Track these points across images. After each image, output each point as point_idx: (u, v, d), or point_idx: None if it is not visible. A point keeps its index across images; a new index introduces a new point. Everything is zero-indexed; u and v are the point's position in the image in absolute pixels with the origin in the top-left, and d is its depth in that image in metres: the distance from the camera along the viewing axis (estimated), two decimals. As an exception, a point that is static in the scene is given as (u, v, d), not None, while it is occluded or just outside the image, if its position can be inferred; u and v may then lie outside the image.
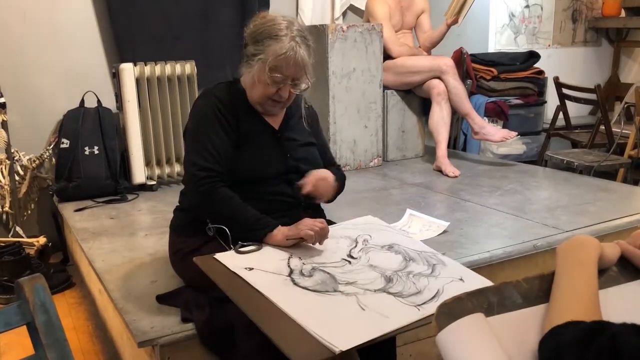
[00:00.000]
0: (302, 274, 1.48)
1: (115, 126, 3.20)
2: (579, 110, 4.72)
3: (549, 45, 4.80)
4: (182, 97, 3.23)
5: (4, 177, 2.96)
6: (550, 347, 0.71)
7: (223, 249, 1.60)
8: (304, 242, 1.59)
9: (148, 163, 3.21)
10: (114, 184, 3.08)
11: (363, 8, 3.85)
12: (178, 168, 3.26)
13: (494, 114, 3.99)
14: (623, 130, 3.61)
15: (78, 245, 2.49)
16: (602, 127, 3.85)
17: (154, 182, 3.22)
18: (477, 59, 4.17)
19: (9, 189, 2.97)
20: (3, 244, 2.74)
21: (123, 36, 3.35)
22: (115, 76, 3.09)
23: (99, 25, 3.35)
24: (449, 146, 3.56)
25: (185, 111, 3.19)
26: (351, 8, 4.24)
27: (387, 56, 3.54)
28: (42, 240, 2.85)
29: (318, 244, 1.60)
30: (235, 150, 1.67)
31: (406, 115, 3.71)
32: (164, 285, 1.84)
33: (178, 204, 1.83)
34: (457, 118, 3.88)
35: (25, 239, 2.87)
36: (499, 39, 4.57)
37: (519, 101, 4.17)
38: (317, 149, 1.84)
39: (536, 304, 0.82)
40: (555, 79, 4.18)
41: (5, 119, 2.91)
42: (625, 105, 3.79)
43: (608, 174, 3.49)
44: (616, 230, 2.35)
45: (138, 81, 3.08)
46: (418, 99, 3.69)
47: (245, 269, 1.48)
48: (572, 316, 0.73)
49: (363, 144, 3.50)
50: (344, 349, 1.18)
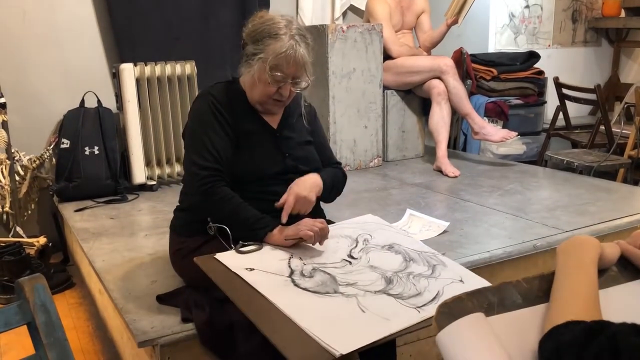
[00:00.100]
0: (303, 274, 1.48)
1: (115, 126, 3.20)
2: (579, 110, 4.72)
3: (549, 45, 4.80)
4: (182, 97, 3.23)
5: (4, 177, 2.96)
6: (550, 347, 0.71)
7: (223, 249, 1.60)
8: (304, 242, 1.59)
9: (148, 163, 3.21)
10: (114, 184, 3.08)
11: (363, 8, 3.84)
12: (178, 168, 3.26)
13: (494, 114, 3.99)
14: (623, 131, 3.61)
15: (78, 245, 2.49)
16: (602, 127, 3.85)
17: (154, 182, 3.22)
18: (477, 59, 4.17)
19: (9, 189, 2.97)
20: (3, 244, 2.74)
21: (123, 36, 3.35)
22: (116, 76, 3.09)
23: (99, 25, 3.35)
24: (449, 146, 3.56)
25: (186, 111, 3.19)
26: (351, 8, 4.24)
27: (387, 56, 3.54)
28: (43, 240, 2.85)
29: (318, 244, 1.60)
30: (234, 149, 1.67)
31: (406, 115, 3.71)
32: (164, 285, 1.84)
33: (178, 204, 1.83)
34: (457, 118, 3.88)
35: (25, 239, 2.87)
36: (499, 39, 4.57)
37: (519, 101, 4.17)
38: (316, 146, 1.83)
39: (536, 304, 0.82)
40: (555, 79, 4.18)
41: (5, 119, 2.91)
42: (625, 106, 3.79)
43: (608, 174, 3.49)
44: (616, 231, 2.35)
45: (138, 81, 3.09)
46: (418, 99, 3.70)
47: (246, 269, 1.48)
48: (572, 316, 0.73)
49: (363, 144, 3.50)
50: (344, 353, 1.17)
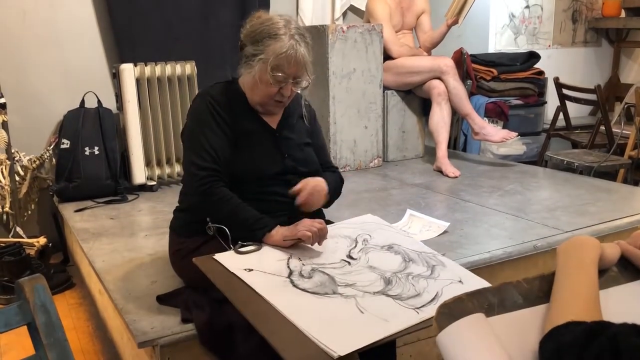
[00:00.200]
0: (302, 275, 1.48)
1: (115, 126, 3.20)
2: (579, 110, 4.72)
3: (549, 45, 4.80)
4: (182, 98, 3.23)
5: (4, 178, 2.96)
6: (551, 348, 0.71)
7: (222, 249, 1.59)
8: (303, 243, 1.59)
9: (148, 163, 3.21)
10: (114, 185, 3.08)
11: (363, 8, 3.85)
12: (178, 168, 3.26)
13: (494, 114, 3.99)
14: (623, 131, 3.61)
15: (78, 245, 2.49)
16: (602, 128, 3.85)
17: (154, 183, 3.22)
18: (477, 59, 4.17)
19: (9, 189, 2.97)
20: (3, 245, 2.74)
21: (123, 36, 3.35)
22: (116, 76, 3.09)
23: (99, 25, 3.35)
24: (449, 146, 3.56)
25: (186, 111, 3.15)
26: (351, 8, 4.24)
27: (388, 56, 3.54)
28: (43, 240, 2.85)
29: (317, 244, 1.60)
30: (232, 149, 1.67)
31: (406, 115, 3.71)
32: (164, 286, 1.84)
33: (178, 204, 1.83)
34: (457, 118, 3.88)
35: (25, 240, 2.87)
36: (499, 40, 4.57)
37: (519, 102, 4.18)
38: (314, 148, 1.83)
39: (536, 305, 0.82)
40: (556, 80, 4.18)
41: (5, 120, 2.91)
42: (625, 106, 3.79)
43: (608, 175, 3.49)
44: (616, 231, 2.35)
45: (138, 81, 3.09)
46: (418, 100, 3.69)
47: (245, 270, 1.48)
48: (573, 316, 0.73)
49: (363, 144, 3.50)
50: (342, 354, 1.17)
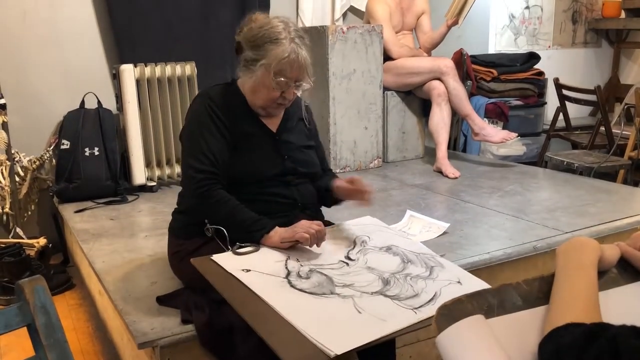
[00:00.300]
0: (300, 275, 1.48)
1: (115, 127, 3.20)
2: (579, 111, 4.72)
3: (549, 46, 4.80)
4: (183, 98, 3.23)
5: (4, 178, 2.96)
6: (550, 349, 0.71)
7: (221, 251, 1.59)
8: (301, 245, 1.59)
9: (148, 164, 3.21)
10: (114, 185, 3.08)
11: (363, 9, 3.85)
12: (178, 169, 3.26)
13: (494, 115, 4.00)
14: (623, 132, 3.61)
15: (78, 246, 2.49)
16: (602, 128, 3.85)
17: (154, 183, 3.22)
18: (477, 60, 4.18)
19: (9, 190, 2.97)
20: (3, 245, 2.74)
21: (123, 37, 3.35)
22: (116, 77, 3.09)
23: (99, 26, 3.35)
24: (449, 147, 3.57)
25: (186, 112, 3.18)
26: (351, 9, 4.24)
27: (388, 57, 3.54)
28: (43, 241, 2.84)
29: (315, 246, 1.60)
30: (232, 151, 1.67)
31: (406, 116, 3.71)
32: (164, 287, 1.84)
33: (176, 206, 1.83)
34: (457, 119, 3.88)
35: (25, 240, 2.87)
36: (499, 40, 4.57)
37: (519, 102, 4.18)
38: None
39: (536, 306, 0.82)
40: (555, 80, 4.19)
41: (5, 120, 2.91)
42: (625, 107, 3.79)
43: (608, 175, 3.49)
44: (616, 232, 2.35)
45: (138, 82, 3.09)
46: (418, 100, 3.70)
47: (242, 270, 1.48)
48: (572, 318, 0.73)
49: (363, 145, 3.50)
50: (339, 353, 1.17)
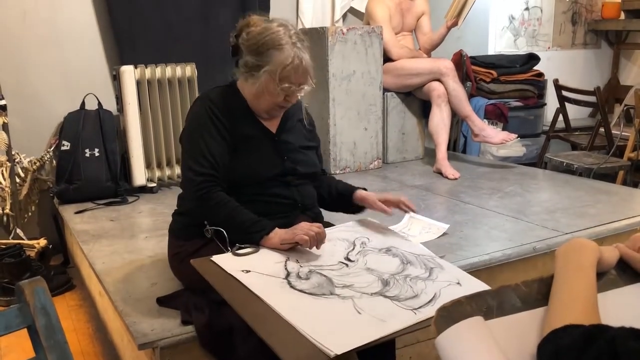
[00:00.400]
0: (299, 276, 1.48)
1: (115, 128, 3.20)
2: (578, 112, 4.73)
3: (549, 47, 4.81)
4: (183, 100, 3.23)
5: (4, 179, 2.96)
6: (549, 351, 0.71)
7: (221, 252, 1.60)
8: (300, 247, 1.59)
9: (148, 165, 3.22)
10: (115, 186, 3.08)
11: (363, 10, 3.85)
12: (178, 170, 3.26)
13: (494, 116, 4.00)
14: (623, 133, 3.62)
15: (78, 247, 2.49)
16: (602, 130, 3.85)
17: (154, 184, 3.22)
18: (477, 61, 4.18)
19: (9, 191, 2.97)
20: (4, 246, 2.74)
21: (123, 38, 3.35)
22: (116, 78, 3.10)
23: (100, 27, 3.35)
24: (448, 148, 3.57)
25: (186, 113, 3.17)
26: (351, 10, 4.24)
27: (387, 58, 3.54)
28: (43, 242, 2.85)
29: (315, 248, 1.60)
30: (232, 153, 1.67)
31: (406, 117, 3.71)
32: (164, 288, 1.84)
33: (176, 207, 1.84)
34: (457, 120, 3.88)
35: (25, 241, 2.87)
36: (498, 41, 4.58)
37: (518, 103, 4.18)
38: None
39: (535, 308, 0.82)
40: (555, 81, 4.19)
41: (5, 121, 2.92)
42: (624, 108, 3.79)
43: (608, 176, 3.49)
44: (616, 233, 2.35)
45: (138, 83, 3.09)
46: (418, 101, 3.70)
47: (242, 271, 1.48)
48: (571, 320, 0.74)
49: (363, 146, 3.50)
50: (339, 353, 1.18)
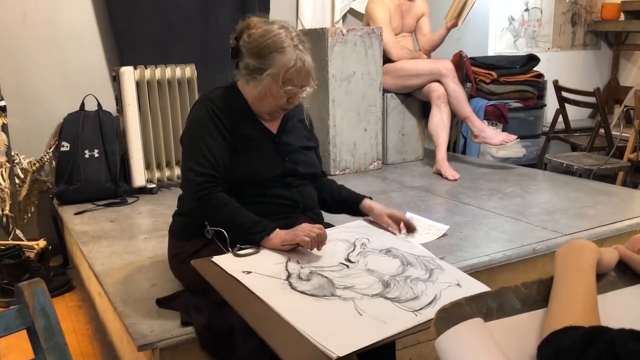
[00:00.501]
0: (300, 277, 1.48)
1: (115, 129, 3.20)
2: (578, 113, 4.72)
3: (549, 48, 4.81)
4: (182, 101, 3.23)
5: (4, 180, 2.96)
6: (549, 352, 0.71)
7: (221, 253, 1.60)
8: (301, 248, 1.59)
9: (148, 166, 3.22)
10: (114, 187, 3.08)
11: (363, 11, 3.85)
12: (178, 171, 3.26)
13: (494, 117, 4.00)
14: (622, 134, 3.62)
15: (78, 248, 2.49)
16: (602, 131, 3.85)
17: (154, 185, 3.22)
18: (477, 62, 4.18)
19: (9, 192, 2.97)
20: (3, 247, 2.74)
21: (123, 39, 3.36)
22: (116, 79, 3.09)
23: (99, 28, 3.35)
24: (448, 149, 3.57)
25: (185, 114, 3.15)
26: (351, 12, 4.25)
27: (387, 59, 3.54)
28: (42, 243, 2.84)
29: (315, 249, 1.60)
30: (233, 154, 1.67)
31: (406, 118, 3.71)
32: (163, 289, 1.84)
33: (177, 208, 1.83)
34: (457, 121, 3.88)
35: (25, 242, 2.87)
36: (498, 42, 4.58)
37: (518, 104, 4.18)
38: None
39: (535, 309, 0.82)
40: (555, 82, 4.19)
41: (5, 122, 2.92)
42: (624, 109, 3.79)
43: (607, 177, 3.49)
44: (616, 234, 2.35)
45: (138, 84, 3.09)
46: (418, 102, 3.70)
47: (243, 272, 1.48)
48: (571, 321, 0.74)
49: (363, 147, 3.50)
50: (341, 355, 1.17)
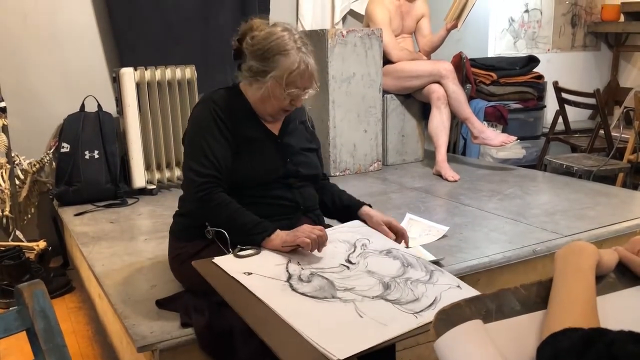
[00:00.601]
0: (301, 279, 1.48)
1: (115, 130, 3.20)
2: (578, 114, 4.72)
3: (549, 49, 4.81)
4: (182, 102, 3.24)
5: (4, 181, 2.96)
6: (548, 354, 0.71)
7: (222, 254, 1.60)
8: (302, 249, 1.59)
9: (148, 167, 3.22)
10: (114, 188, 3.08)
11: (363, 13, 3.85)
12: (178, 172, 3.26)
13: (494, 118, 4.00)
14: (622, 135, 3.61)
15: (78, 249, 2.49)
16: (602, 132, 3.85)
17: (154, 186, 3.22)
18: (477, 63, 4.18)
19: (9, 193, 2.97)
20: (3, 248, 2.74)
21: (123, 40, 3.36)
22: (116, 80, 3.10)
23: (100, 29, 3.35)
24: (448, 150, 3.57)
25: (186, 115, 3.20)
26: (351, 13, 4.25)
27: (387, 61, 3.54)
28: (42, 244, 2.84)
29: (316, 250, 1.60)
30: (234, 155, 1.67)
31: (406, 119, 3.71)
32: (163, 290, 1.84)
33: (177, 209, 1.84)
34: (457, 122, 3.88)
35: (25, 243, 2.86)
36: (498, 44, 4.58)
37: (518, 105, 4.18)
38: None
39: (534, 311, 0.82)
40: (555, 84, 4.19)
41: (5, 123, 2.91)
42: (624, 110, 3.79)
43: (607, 179, 3.49)
44: (615, 235, 2.35)
45: (138, 85, 3.09)
46: (418, 104, 3.70)
47: (244, 273, 1.48)
48: (570, 323, 0.74)
49: (363, 148, 3.50)
50: (342, 358, 1.17)
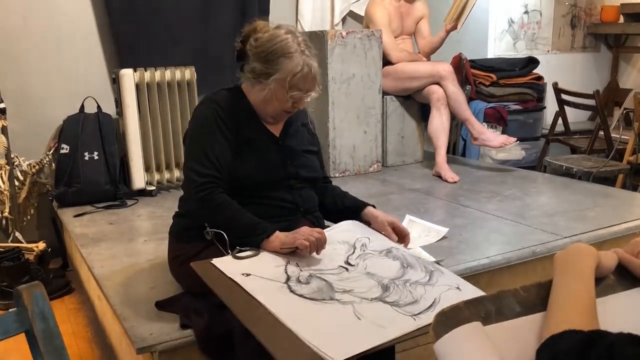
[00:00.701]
0: (299, 281, 1.48)
1: (115, 132, 3.20)
2: (578, 115, 4.72)
3: (548, 51, 4.81)
4: (182, 103, 3.23)
5: (3, 183, 2.96)
6: (548, 356, 0.71)
7: (221, 255, 1.60)
8: (300, 252, 1.59)
9: (147, 168, 3.22)
10: (114, 190, 3.08)
11: (362, 14, 3.85)
12: (178, 173, 3.26)
13: (493, 119, 4.00)
14: (622, 136, 3.61)
15: (77, 250, 2.49)
16: (601, 133, 3.85)
17: (153, 188, 3.22)
18: (477, 64, 4.18)
19: (8, 194, 2.97)
20: (2, 250, 2.74)
21: (123, 42, 3.36)
22: (115, 82, 3.10)
23: (99, 30, 3.35)
24: (448, 152, 3.57)
25: (185, 117, 3.20)
26: (351, 14, 4.25)
27: (387, 62, 3.54)
28: (42, 245, 2.84)
29: (315, 253, 1.59)
30: (235, 156, 1.68)
31: (405, 120, 3.71)
32: (163, 291, 1.84)
33: (177, 209, 1.84)
34: (457, 124, 3.88)
35: (24, 245, 2.86)
36: (498, 45, 4.58)
37: (518, 107, 4.18)
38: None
39: (534, 313, 0.82)
40: (554, 85, 4.19)
41: (5, 125, 2.92)
42: (624, 111, 3.80)
43: (607, 180, 3.49)
44: (615, 236, 2.35)
45: (138, 87, 3.09)
46: (417, 105, 3.70)
47: (242, 275, 1.48)
48: (570, 325, 0.73)
49: (362, 149, 3.50)
50: None
